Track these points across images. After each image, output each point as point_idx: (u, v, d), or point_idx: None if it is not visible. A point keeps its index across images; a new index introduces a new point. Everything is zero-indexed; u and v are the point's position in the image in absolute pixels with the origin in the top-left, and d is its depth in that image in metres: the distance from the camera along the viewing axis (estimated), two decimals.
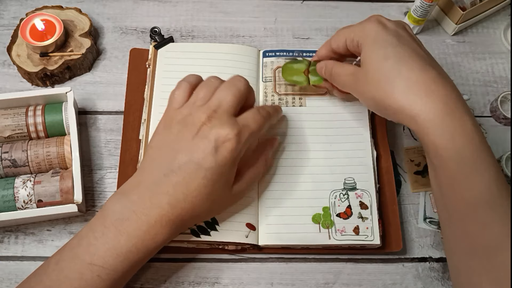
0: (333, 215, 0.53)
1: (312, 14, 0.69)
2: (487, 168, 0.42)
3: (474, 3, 0.65)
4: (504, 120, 0.62)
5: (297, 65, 0.57)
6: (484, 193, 0.42)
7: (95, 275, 0.43)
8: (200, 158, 0.44)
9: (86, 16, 0.63)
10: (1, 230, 0.54)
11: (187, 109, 0.47)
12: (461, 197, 0.43)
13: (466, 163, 0.42)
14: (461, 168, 0.42)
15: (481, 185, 0.42)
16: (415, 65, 0.44)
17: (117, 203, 0.45)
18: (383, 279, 0.54)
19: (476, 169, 0.42)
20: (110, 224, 0.44)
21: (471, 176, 0.42)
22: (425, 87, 0.43)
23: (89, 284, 0.43)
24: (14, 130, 0.54)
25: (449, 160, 0.42)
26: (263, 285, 0.53)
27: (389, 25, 0.48)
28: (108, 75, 0.63)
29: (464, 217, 0.43)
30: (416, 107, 0.43)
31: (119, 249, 0.43)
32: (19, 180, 0.51)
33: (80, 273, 0.43)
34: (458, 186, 0.43)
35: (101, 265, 0.43)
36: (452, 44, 0.68)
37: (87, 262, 0.43)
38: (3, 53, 0.62)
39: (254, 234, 0.52)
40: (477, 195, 0.42)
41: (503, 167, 0.58)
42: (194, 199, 0.44)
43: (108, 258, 0.43)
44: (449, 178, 0.43)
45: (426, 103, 0.42)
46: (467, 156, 0.42)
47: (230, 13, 0.68)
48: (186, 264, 0.53)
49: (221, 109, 0.46)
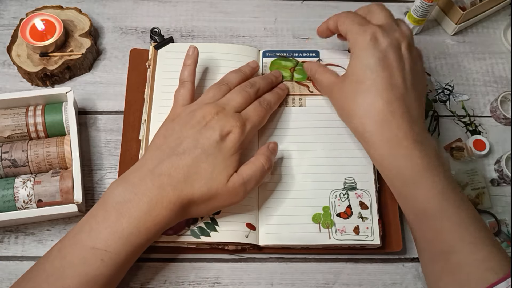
0: (333, 215, 0.53)
1: (312, 14, 0.69)
2: (430, 183, 0.46)
3: (474, 3, 0.65)
4: (504, 120, 0.62)
5: (285, 62, 0.61)
6: (431, 204, 0.46)
7: (98, 259, 0.43)
8: (205, 144, 0.47)
9: (86, 16, 0.63)
10: (1, 230, 0.54)
11: (196, 105, 0.50)
12: (412, 208, 0.48)
13: (408, 181, 0.47)
14: (405, 186, 0.47)
15: (426, 198, 0.46)
16: (383, 96, 0.48)
17: (118, 187, 0.46)
18: (383, 279, 0.54)
19: (418, 186, 0.46)
20: (111, 207, 0.44)
21: (415, 191, 0.47)
22: (381, 117, 0.48)
23: (92, 269, 0.43)
24: (14, 130, 0.54)
25: (394, 178, 0.48)
26: (263, 285, 0.53)
27: (382, 42, 0.49)
28: (108, 75, 0.63)
29: (420, 225, 0.47)
30: (367, 130, 0.48)
31: (121, 231, 0.44)
32: (19, 180, 0.51)
33: (83, 258, 0.43)
34: (406, 199, 0.48)
35: (103, 249, 0.43)
36: (452, 44, 0.68)
37: (89, 246, 0.43)
38: (3, 53, 0.62)
39: (254, 234, 0.52)
40: (424, 207, 0.46)
41: (503, 167, 0.58)
42: (194, 182, 0.46)
43: (110, 241, 0.43)
44: (397, 193, 0.49)
45: (377, 130, 0.48)
46: (408, 175, 0.47)
47: (230, 13, 0.68)
48: (186, 264, 0.53)
49: (229, 106, 0.50)
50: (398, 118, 0.47)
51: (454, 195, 0.46)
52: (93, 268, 0.43)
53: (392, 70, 0.48)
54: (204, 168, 0.46)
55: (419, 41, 0.67)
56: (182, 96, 0.52)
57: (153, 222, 0.45)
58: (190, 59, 0.54)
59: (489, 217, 0.57)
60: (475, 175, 0.59)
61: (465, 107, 0.64)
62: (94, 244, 0.43)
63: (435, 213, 0.46)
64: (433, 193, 0.46)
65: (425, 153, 0.47)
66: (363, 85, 0.48)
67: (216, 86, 0.53)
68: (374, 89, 0.48)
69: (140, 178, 0.46)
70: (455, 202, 0.46)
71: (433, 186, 0.46)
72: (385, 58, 0.48)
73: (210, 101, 0.51)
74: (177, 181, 0.46)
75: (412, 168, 0.46)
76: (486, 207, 0.57)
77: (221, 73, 0.59)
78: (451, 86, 0.65)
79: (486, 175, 0.59)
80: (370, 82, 0.48)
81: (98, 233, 0.44)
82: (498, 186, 0.59)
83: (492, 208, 0.58)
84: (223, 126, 0.48)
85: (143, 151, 0.55)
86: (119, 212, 0.44)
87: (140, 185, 0.45)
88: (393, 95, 0.48)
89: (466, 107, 0.64)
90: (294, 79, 0.60)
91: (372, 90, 0.48)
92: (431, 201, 0.46)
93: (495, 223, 0.56)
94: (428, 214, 0.46)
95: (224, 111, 0.49)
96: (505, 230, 0.56)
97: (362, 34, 0.49)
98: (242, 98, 0.51)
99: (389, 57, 0.48)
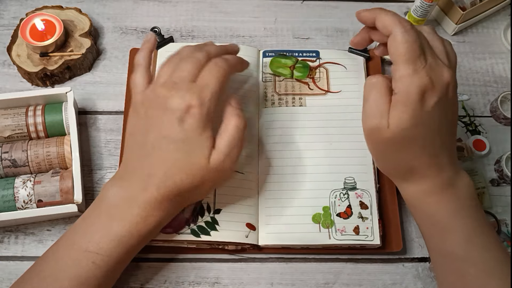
0: (333, 215, 0.53)
1: (312, 14, 0.69)
2: (459, 226, 0.46)
3: (474, 3, 0.65)
4: (504, 120, 0.62)
5: (285, 60, 0.61)
6: (457, 248, 0.45)
7: (90, 261, 0.43)
8: (168, 132, 0.43)
9: (86, 16, 0.63)
10: (1, 230, 0.54)
11: (149, 91, 0.46)
12: (438, 249, 0.48)
13: (437, 223, 0.47)
14: (433, 227, 0.47)
15: (453, 242, 0.46)
16: (429, 151, 0.45)
17: (110, 190, 0.45)
18: (383, 279, 0.54)
19: (446, 229, 0.46)
20: (102, 210, 0.45)
21: (443, 233, 0.46)
22: (423, 170, 0.46)
23: (84, 271, 0.43)
24: (14, 130, 0.54)
25: (423, 218, 0.48)
26: (263, 285, 0.53)
27: (431, 98, 0.43)
28: (108, 75, 0.63)
29: (443, 266, 0.47)
30: (406, 178, 0.48)
31: (113, 234, 0.44)
32: (19, 180, 0.51)
33: (76, 260, 0.43)
34: (432, 238, 0.48)
35: (95, 251, 0.43)
36: (452, 44, 0.67)
37: (82, 249, 0.43)
38: (3, 53, 0.62)
39: (254, 234, 0.52)
40: (451, 250, 0.46)
41: (503, 167, 0.58)
42: (175, 176, 0.44)
43: (102, 244, 0.43)
44: (424, 231, 0.49)
45: (415, 180, 0.47)
46: (437, 219, 0.46)
47: (230, 13, 0.68)
48: (186, 264, 0.53)
49: (179, 79, 0.44)
50: (435, 170, 0.46)
51: (482, 239, 0.45)
52: (85, 270, 0.43)
53: (440, 126, 0.45)
54: (178, 158, 0.43)
55: None
56: (136, 83, 0.47)
57: (144, 224, 0.44)
58: (146, 43, 0.49)
59: (489, 217, 0.57)
60: (475, 175, 0.59)
61: (465, 107, 0.64)
62: (87, 247, 0.43)
63: (460, 257, 0.45)
64: (461, 237, 0.45)
65: (456, 196, 0.46)
66: (414, 142, 0.45)
67: (167, 61, 0.48)
68: (422, 147, 0.45)
69: (129, 181, 0.45)
70: (483, 246, 0.45)
71: (462, 230, 0.45)
72: (435, 116, 0.44)
73: (162, 80, 0.45)
74: (159, 180, 0.44)
75: (442, 213, 0.46)
76: (486, 207, 0.57)
77: None
78: None
79: (486, 175, 0.59)
80: (421, 141, 0.45)
81: (91, 236, 0.44)
82: (498, 186, 0.59)
83: (492, 208, 0.58)
84: (178, 104, 0.43)
85: None
86: (111, 215, 0.44)
87: (128, 189, 0.45)
88: (436, 150, 0.45)
89: (466, 107, 0.64)
90: (294, 77, 0.60)
91: (420, 148, 0.45)
92: (458, 245, 0.45)
93: (495, 223, 0.56)
94: (453, 257, 0.45)
95: (176, 86, 0.44)
96: (505, 230, 0.56)
97: (414, 84, 0.42)
98: (192, 64, 0.45)
99: (438, 112, 0.44)
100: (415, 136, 0.44)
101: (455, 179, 0.46)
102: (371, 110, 0.45)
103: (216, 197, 0.53)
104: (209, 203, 0.52)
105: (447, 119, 0.45)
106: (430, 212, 0.47)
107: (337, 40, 0.66)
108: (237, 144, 0.45)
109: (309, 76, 0.60)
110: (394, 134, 0.44)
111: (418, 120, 0.43)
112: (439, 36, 0.47)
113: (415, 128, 0.43)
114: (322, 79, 0.60)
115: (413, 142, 0.44)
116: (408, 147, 0.45)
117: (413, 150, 0.45)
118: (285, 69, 0.60)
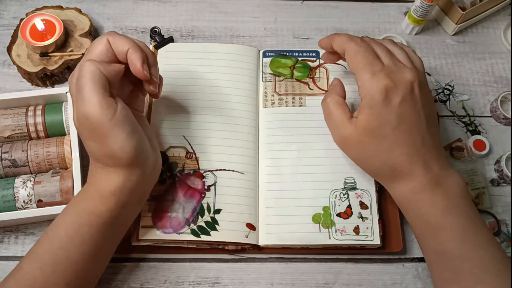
0: (333, 215, 0.53)
1: (312, 14, 0.69)
2: (451, 224, 0.46)
3: (474, 3, 0.65)
4: (504, 120, 0.62)
5: (285, 60, 0.61)
6: (451, 245, 0.46)
7: (45, 233, 0.45)
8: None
9: (86, 16, 0.63)
10: (1, 230, 0.54)
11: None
12: (431, 248, 0.47)
13: (428, 223, 0.47)
14: (425, 226, 0.47)
15: (446, 240, 0.46)
16: (404, 151, 0.47)
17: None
18: (383, 279, 0.54)
19: (438, 228, 0.46)
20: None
21: (435, 232, 0.46)
22: (403, 169, 0.47)
23: (55, 248, 0.44)
24: (14, 130, 0.54)
25: (414, 219, 0.48)
26: (263, 285, 0.53)
27: (396, 96, 0.46)
28: None
29: (438, 265, 0.47)
30: (389, 181, 0.49)
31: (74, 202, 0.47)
32: (19, 180, 0.51)
33: (49, 239, 0.45)
34: (425, 238, 0.48)
35: (52, 224, 0.45)
36: (452, 44, 0.68)
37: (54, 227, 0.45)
38: (3, 53, 0.62)
39: (254, 234, 0.52)
40: (444, 247, 0.46)
41: (503, 167, 0.58)
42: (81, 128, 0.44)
43: (58, 216, 0.46)
44: (417, 233, 0.49)
45: (399, 181, 0.48)
46: (428, 218, 0.47)
47: (230, 13, 0.68)
48: (186, 264, 0.53)
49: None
50: (420, 168, 0.46)
51: (475, 235, 0.46)
52: (40, 244, 0.44)
53: (411, 123, 0.47)
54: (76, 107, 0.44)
55: (419, 41, 0.67)
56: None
57: (86, 190, 0.46)
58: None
59: (489, 217, 0.57)
60: (475, 175, 0.59)
61: (465, 107, 0.64)
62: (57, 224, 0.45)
63: (455, 254, 0.45)
64: (455, 235, 0.45)
65: (446, 194, 0.46)
66: (385, 141, 0.47)
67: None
68: (396, 145, 0.47)
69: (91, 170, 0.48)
70: (477, 243, 0.45)
71: (454, 228, 0.46)
72: (402, 113, 0.46)
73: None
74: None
75: (433, 212, 0.46)
76: (486, 207, 0.57)
77: (221, 73, 0.59)
78: (451, 86, 0.65)
79: (486, 175, 0.59)
80: (392, 139, 0.46)
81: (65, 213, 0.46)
82: (498, 186, 0.59)
83: (492, 208, 0.58)
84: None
85: None
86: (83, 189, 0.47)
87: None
88: (414, 147, 0.47)
89: (466, 107, 0.64)
90: (294, 77, 0.60)
91: (394, 146, 0.47)
92: (452, 243, 0.45)
93: (495, 223, 0.56)
94: (448, 255, 0.46)
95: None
96: (505, 230, 0.56)
97: (374, 86, 0.46)
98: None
99: (405, 110, 0.46)
100: (385, 134, 0.46)
101: (444, 177, 0.47)
102: (337, 121, 0.49)
103: (216, 197, 0.53)
104: (209, 203, 0.52)
105: (421, 116, 0.47)
106: (420, 211, 0.47)
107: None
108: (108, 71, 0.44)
109: (309, 76, 0.60)
110: (365, 136, 0.47)
111: (384, 118, 0.46)
112: (401, 44, 0.51)
113: (383, 127, 0.46)
114: (322, 79, 0.60)
115: (385, 141, 0.47)
116: (382, 146, 0.47)
117: (388, 148, 0.47)
118: (285, 69, 0.60)
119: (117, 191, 0.45)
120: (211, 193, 0.53)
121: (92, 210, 0.45)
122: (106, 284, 0.52)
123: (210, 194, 0.53)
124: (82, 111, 0.42)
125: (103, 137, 0.43)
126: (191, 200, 0.52)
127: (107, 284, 0.52)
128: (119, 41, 0.45)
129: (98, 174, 0.45)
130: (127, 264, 0.53)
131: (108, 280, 0.52)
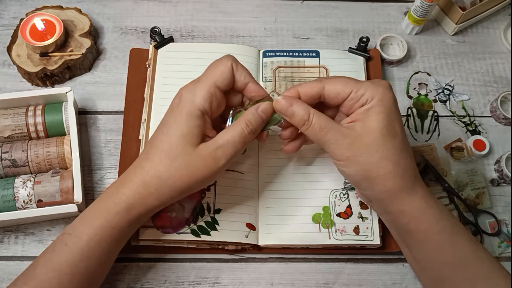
0: (333, 215, 0.53)
1: (312, 14, 0.69)
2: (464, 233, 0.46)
3: (474, 3, 0.65)
4: (504, 120, 0.62)
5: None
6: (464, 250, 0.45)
7: (63, 243, 0.44)
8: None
9: (86, 16, 0.63)
10: (1, 230, 0.54)
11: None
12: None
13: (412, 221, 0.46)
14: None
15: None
16: (411, 154, 0.47)
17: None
18: (383, 279, 0.54)
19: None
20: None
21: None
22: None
23: (57, 255, 0.44)
24: (14, 130, 0.54)
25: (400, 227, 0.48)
26: (263, 285, 0.53)
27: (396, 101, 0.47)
28: (108, 75, 0.63)
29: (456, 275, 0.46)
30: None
31: (84, 214, 0.46)
32: (19, 180, 0.51)
33: (53, 245, 0.45)
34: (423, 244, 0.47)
35: (69, 233, 0.45)
36: (452, 44, 0.68)
37: (62, 233, 0.45)
38: (3, 53, 0.62)
39: (254, 234, 0.52)
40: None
41: (503, 167, 0.58)
42: (154, 157, 0.45)
43: (75, 224, 0.45)
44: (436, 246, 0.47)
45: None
46: (411, 214, 0.46)
47: (230, 13, 0.68)
48: (186, 264, 0.53)
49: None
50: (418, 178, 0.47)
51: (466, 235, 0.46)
52: (58, 254, 0.44)
53: (399, 136, 0.46)
54: (161, 140, 0.45)
55: (419, 41, 0.67)
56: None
57: (113, 202, 0.45)
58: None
59: (489, 217, 0.57)
60: (475, 175, 0.59)
61: (465, 107, 0.64)
62: (65, 230, 0.45)
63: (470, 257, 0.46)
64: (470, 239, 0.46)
65: (435, 208, 0.46)
66: (397, 140, 0.45)
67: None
68: (405, 147, 0.46)
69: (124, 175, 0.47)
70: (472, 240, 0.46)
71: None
72: (392, 124, 0.45)
73: None
74: (140, 158, 0.46)
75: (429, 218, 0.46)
76: (486, 207, 0.57)
77: None
78: (451, 86, 0.65)
79: (486, 175, 0.59)
80: (402, 137, 0.46)
81: (74, 222, 0.46)
82: (498, 186, 0.59)
83: (492, 208, 0.58)
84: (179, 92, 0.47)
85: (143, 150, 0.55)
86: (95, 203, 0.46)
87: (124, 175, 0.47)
88: (411, 153, 0.47)
89: (466, 107, 0.64)
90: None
91: (403, 147, 0.46)
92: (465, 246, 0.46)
93: (495, 223, 0.56)
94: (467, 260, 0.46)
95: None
96: (505, 230, 0.56)
97: (381, 86, 0.46)
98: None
99: (394, 122, 0.46)
100: (397, 132, 0.45)
101: (420, 185, 0.47)
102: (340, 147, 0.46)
103: (216, 197, 0.53)
104: (209, 203, 0.53)
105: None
106: (410, 208, 0.46)
107: (337, 40, 0.66)
108: (234, 143, 0.44)
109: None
110: (376, 134, 0.45)
111: (395, 115, 0.46)
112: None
113: (397, 124, 0.45)
114: None
115: (397, 139, 0.45)
116: (395, 144, 0.45)
117: (400, 148, 0.45)
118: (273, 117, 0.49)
119: (144, 214, 0.46)
120: (211, 193, 0.53)
121: (116, 225, 0.45)
122: (106, 284, 0.52)
123: (210, 194, 0.53)
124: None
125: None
126: (191, 200, 0.52)
127: (107, 284, 0.52)
128: (242, 70, 0.47)
129: (137, 196, 0.45)
130: (127, 264, 0.53)
131: (108, 280, 0.52)
